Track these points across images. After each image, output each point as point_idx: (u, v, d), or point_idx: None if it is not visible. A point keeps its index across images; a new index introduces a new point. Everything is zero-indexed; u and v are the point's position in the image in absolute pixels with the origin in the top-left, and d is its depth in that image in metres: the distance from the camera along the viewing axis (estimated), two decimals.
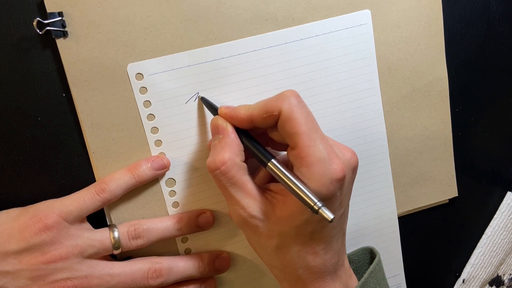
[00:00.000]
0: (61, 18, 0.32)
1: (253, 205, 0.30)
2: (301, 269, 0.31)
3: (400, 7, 0.39)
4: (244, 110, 0.31)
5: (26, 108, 0.33)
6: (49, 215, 0.31)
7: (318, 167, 0.28)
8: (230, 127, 0.32)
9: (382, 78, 0.39)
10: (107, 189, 0.33)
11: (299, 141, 0.29)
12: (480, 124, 0.45)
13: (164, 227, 0.35)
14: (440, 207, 0.45)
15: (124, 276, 0.33)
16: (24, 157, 0.34)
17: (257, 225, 0.31)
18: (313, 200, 0.27)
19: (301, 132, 0.29)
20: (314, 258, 0.31)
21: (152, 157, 0.35)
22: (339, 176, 0.29)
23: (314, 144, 0.29)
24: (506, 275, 0.50)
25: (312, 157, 0.28)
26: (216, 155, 0.30)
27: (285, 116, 0.29)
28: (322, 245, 0.31)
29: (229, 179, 0.30)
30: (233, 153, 0.30)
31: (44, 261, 0.31)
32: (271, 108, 0.29)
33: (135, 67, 0.34)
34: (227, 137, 0.31)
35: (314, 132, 0.29)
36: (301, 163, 0.29)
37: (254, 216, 0.31)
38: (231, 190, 0.31)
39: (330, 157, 0.29)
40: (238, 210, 0.31)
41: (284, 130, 0.29)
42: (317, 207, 0.27)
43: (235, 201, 0.31)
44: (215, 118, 0.33)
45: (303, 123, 0.29)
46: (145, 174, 0.34)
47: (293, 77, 0.37)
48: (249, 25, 0.35)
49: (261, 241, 0.31)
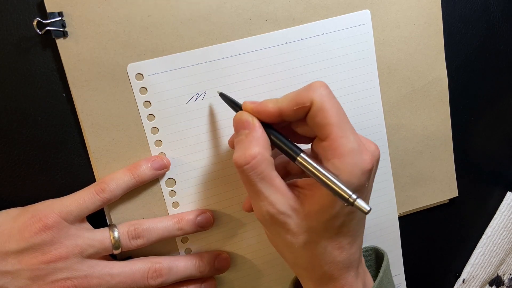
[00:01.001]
0: (61, 18, 0.32)
1: (282, 200, 0.30)
2: (327, 265, 0.31)
3: (400, 7, 0.39)
4: (273, 103, 0.31)
5: (26, 108, 0.33)
6: (49, 215, 0.31)
7: (351, 158, 0.28)
8: (257, 121, 0.31)
9: (382, 78, 0.39)
10: (107, 189, 0.33)
11: (331, 132, 0.28)
12: (480, 124, 0.45)
13: (164, 227, 0.35)
14: (440, 207, 0.45)
15: (124, 276, 0.33)
16: (24, 157, 0.34)
17: (285, 221, 0.30)
18: (348, 192, 0.27)
19: (333, 123, 0.28)
20: (340, 253, 0.31)
21: (152, 157, 0.35)
22: (369, 167, 0.29)
23: (346, 135, 0.28)
24: (506, 275, 0.50)
25: (345, 147, 0.28)
26: (245, 149, 0.30)
27: (317, 107, 0.29)
28: (349, 239, 0.31)
29: (258, 174, 0.29)
30: (263, 147, 0.30)
31: (44, 261, 0.31)
32: (302, 100, 0.29)
33: (135, 67, 0.34)
34: (255, 131, 0.30)
35: (345, 123, 0.29)
36: (333, 154, 0.28)
37: (283, 212, 0.30)
38: (260, 185, 0.30)
39: (360, 148, 0.29)
40: (267, 206, 0.30)
41: (315, 121, 0.29)
42: (352, 199, 0.27)
43: (263, 197, 0.30)
44: (240, 113, 0.32)
45: (335, 114, 0.29)
46: (145, 174, 0.34)
47: (293, 77, 0.37)
48: (249, 25, 0.35)
49: (288, 238, 0.31)
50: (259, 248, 0.40)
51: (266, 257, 0.40)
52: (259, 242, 0.40)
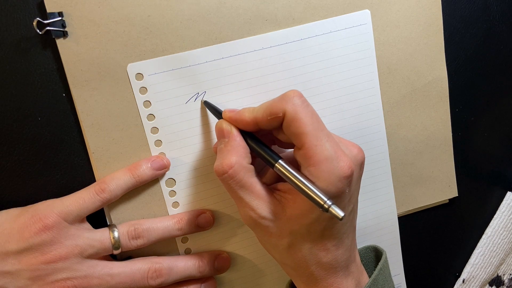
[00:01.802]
0: (61, 18, 0.32)
1: (263, 206, 0.31)
2: (313, 266, 0.31)
3: (400, 7, 0.39)
4: (248, 113, 0.31)
5: (26, 108, 0.33)
6: (48, 215, 0.31)
7: (326, 165, 0.28)
8: (235, 130, 0.32)
9: (381, 78, 0.39)
10: (107, 189, 0.33)
11: (306, 141, 0.29)
12: (480, 124, 0.45)
13: (164, 227, 0.35)
14: (440, 207, 0.45)
15: (124, 276, 0.33)
16: (24, 157, 0.34)
17: (267, 225, 0.31)
18: (323, 198, 0.28)
19: (307, 132, 0.29)
20: (325, 254, 0.31)
21: (152, 157, 0.35)
22: (347, 174, 0.29)
23: (321, 143, 0.29)
24: (506, 275, 0.50)
25: (320, 156, 0.28)
26: (223, 159, 0.30)
27: (290, 117, 0.29)
28: (334, 241, 0.31)
29: (237, 182, 0.30)
30: (240, 156, 0.30)
31: (44, 261, 0.31)
32: (275, 110, 0.29)
33: (135, 67, 0.34)
34: (233, 140, 0.31)
35: (320, 131, 0.29)
36: (309, 162, 0.29)
37: (264, 217, 0.31)
38: (240, 192, 0.31)
39: (337, 155, 0.29)
40: (248, 212, 0.31)
41: (290, 131, 0.29)
42: (327, 206, 0.27)
43: (245, 203, 0.31)
44: (220, 122, 0.33)
45: (308, 123, 0.29)
46: (145, 174, 0.34)
47: (293, 77, 0.37)
48: (249, 25, 0.35)
49: (273, 240, 0.32)
50: (259, 248, 0.40)
51: (266, 257, 0.40)
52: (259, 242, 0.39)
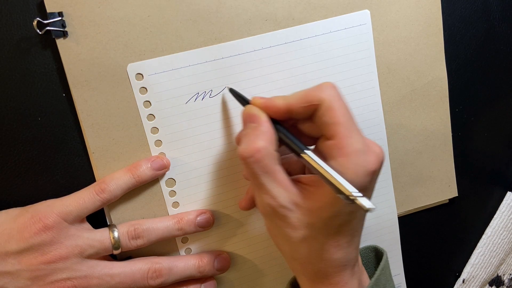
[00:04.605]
0: (61, 18, 0.32)
1: (284, 194, 0.30)
2: (323, 262, 0.31)
3: (399, 7, 0.39)
4: (282, 100, 0.31)
5: (26, 108, 0.33)
6: (48, 215, 0.31)
7: (356, 157, 0.28)
8: (264, 116, 0.31)
9: (381, 78, 0.39)
10: (107, 189, 0.33)
11: (338, 131, 0.29)
12: (480, 124, 0.45)
13: (164, 227, 0.35)
14: (440, 207, 0.45)
15: (124, 276, 0.33)
16: (24, 157, 0.34)
17: (286, 215, 0.30)
18: (351, 189, 0.27)
19: (341, 122, 0.29)
20: (337, 251, 0.31)
21: (152, 157, 0.35)
22: (374, 168, 0.29)
23: (352, 135, 0.29)
24: (506, 275, 0.50)
25: (351, 147, 0.29)
26: (251, 142, 0.30)
27: (326, 106, 0.29)
28: (347, 238, 0.31)
29: (262, 167, 0.30)
30: (267, 142, 0.30)
31: (44, 261, 0.31)
32: (312, 98, 0.30)
33: (135, 67, 0.34)
34: (262, 125, 0.31)
35: (352, 124, 0.29)
36: (339, 153, 0.29)
37: (284, 206, 0.30)
38: (263, 178, 0.30)
39: (366, 149, 0.29)
40: (268, 199, 0.30)
41: (323, 120, 0.29)
42: (353, 197, 0.27)
43: (266, 190, 0.30)
44: (249, 107, 0.32)
45: (342, 114, 0.29)
46: (145, 174, 0.34)
47: (293, 77, 0.37)
48: (249, 25, 0.35)
49: (287, 231, 0.31)
50: (259, 248, 0.40)
51: (266, 257, 0.40)
52: (259, 242, 0.40)
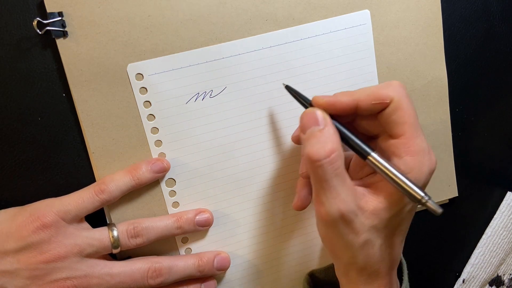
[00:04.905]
0: (61, 18, 0.32)
1: (352, 198, 0.30)
2: (378, 264, 0.31)
3: (399, 7, 0.39)
4: (348, 96, 0.31)
5: (26, 108, 0.33)
6: (47, 213, 0.31)
7: (422, 157, 0.30)
8: (329, 118, 0.31)
9: (381, 78, 0.39)
10: (106, 190, 0.33)
11: (407, 130, 0.30)
12: (480, 124, 0.45)
13: (163, 226, 0.35)
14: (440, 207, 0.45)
15: (124, 275, 0.33)
16: (24, 157, 0.34)
17: (352, 220, 0.30)
18: (420, 193, 0.29)
19: (410, 122, 0.30)
20: (391, 251, 0.32)
21: (152, 159, 0.35)
22: (434, 167, 0.31)
23: (419, 135, 0.30)
24: (506, 275, 0.50)
25: (418, 147, 0.29)
26: (324, 143, 0.29)
27: (396, 105, 0.30)
28: (401, 237, 0.32)
29: (335, 169, 0.29)
30: (338, 144, 0.30)
31: (43, 260, 0.31)
32: (382, 96, 0.30)
33: (135, 67, 0.34)
34: (329, 127, 0.30)
35: (418, 124, 0.30)
36: (407, 152, 0.30)
37: (352, 211, 0.30)
38: (334, 181, 0.29)
39: (429, 149, 0.30)
40: (338, 203, 0.29)
41: (391, 119, 0.30)
42: (424, 200, 0.28)
43: (336, 194, 0.29)
44: (313, 109, 0.31)
45: (411, 114, 0.30)
46: (145, 176, 0.34)
47: (292, 77, 0.37)
48: (249, 25, 0.35)
49: (349, 238, 0.30)
50: (259, 248, 0.40)
51: (266, 257, 0.40)
52: (259, 242, 0.40)
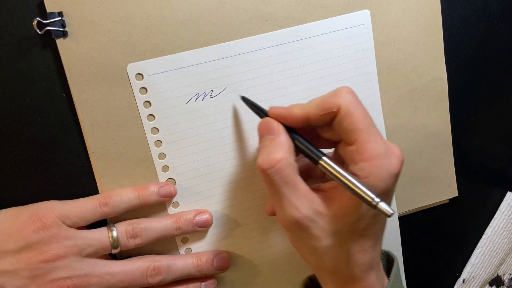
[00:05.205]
0: (61, 18, 0.32)
1: (307, 205, 0.30)
2: (350, 268, 0.31)
3: (399, 7, 0.39)
4: (299, 109, 0.31)
5: (26, 108, 0.33)
6: (48, 215, 0.31)
7: (379, 161, 0.28)
8: (282, 127, 0.31)
9: (381, 78, 0.39)
10: (110, 204, 0.33)
11: (359, 137, 0.29)
12: (480, 124, 0.45)
13: (162, 226, 0.35)
14: (440, 207, 0.45)
15: (124, 274, 0.33)
16: (24, 157, 0.34)
17: (310, 226, 0.30)
18: (370, 195, 0.27)
19: (361, 128, 0.29)
20: (363, 255, 0.31)
21: (161, 183, 0.36)
22: (397, 170, 0.29)
23: (373, 139, 0.29)
24: (506, 275, 0.50)
25: (372, 152, 0.29)
26: (270, 153, 0.30)
27: (344, 113, 0.29)
28: (371, 241, 0.31)
29: (283, 178, 0.29)
30: (287, 152, 0.30)
31: (43, 260, 0.31)
32: (329, 105, 0.29)
33: (135, 67, 0.34)
34: (280, 136, 0.31)
35: (372, 127, 0.29)
36: (361, 158, 0.29)
37: (308, 217, 0.30)
38: (284, 189, 0.30)
39: (388, 152, 0.29)
40: (292, 211, 0.30)
41: (342, 127, 0.29)
42: (375, 202, 0.27)
43: (288, 202, 0.30)
44: (266, 119, 0.32)
45: (362, 119, 0.29)
46: (150, 198, 0.35)
47: (293, 77, 0.37)
48: (249, 25, 0.35)
49: (312, 242, 0.30)
50: (259, 248, 0.40)
51: (266, 257, 0.40)
52: (259, 242, 0.40)
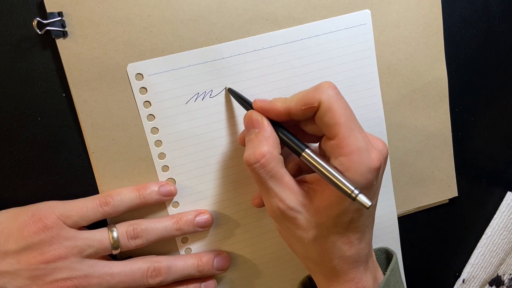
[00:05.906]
0: (61, 18, 0.32)
1: (292, 197, 0.31)
2: (336, 260, 0.32)
3: (400, 7, 0.39)
4: (281, 103, 0.31)
5: (26, 108, 0.33)
6: (48, 215, 0.31)
7: (358, 156, 0.29)
8: (266, 120, 0.32)
9: (381, 78, 0.39)
10: (111, 203, 0.33)
11: (339, 131, 0.29)
12: (480, 124, 0.45)
13: (163, 227, 0.35)
14: (440, 207, 0.45)
15: (124, 275, 0.33)
16: (24, 157, 0.34)
17: (295, 217, 0.31)
18: (350, 187, 0.28)
19: (341, 122, 0.29)
20: (349, 248, 0.31)
21: (162, 182, 0.36)
22: (376, 165, 0.29)
23: (353, 134, 0.29)
24: (506, 275, 0.50)
25: (352, 146, 0.29)
26: (255, 148, 0.30)
27: (325, 107, 0.29)
28: (357, 234, 0.32)
29: (268, 171, 0.30)
30: (271, 146, 0.31)
31: (43, 260, 0.31)
32: (310, 100, 0.30)
33: (135, 67, 0.34)
34: (264, 130, 0.31)
35: (353, 122, 0.29)
36: (340, 152, 0.29)
37: (293, 208, 0.31)
38: (270, 183, 0.31)
39: (368, 147, 0.29)
40: (277, 202, 0.31)
41: (323, 121, 0.30)
42: (354, 195, 0.28)
43: (274, 194, 0.31)
44: (250, 112, 0.32)
45: (342, 114, 0.29)
46: (151, 197, 0.35)
47: (293, 77, 0.37)
48: (249, 25, 0.35)
49: (298, 233, 0.31)
50: (259, 248, 0.40)
51: (266, 257, 0.40)
52: (259, 242, 0.40)
